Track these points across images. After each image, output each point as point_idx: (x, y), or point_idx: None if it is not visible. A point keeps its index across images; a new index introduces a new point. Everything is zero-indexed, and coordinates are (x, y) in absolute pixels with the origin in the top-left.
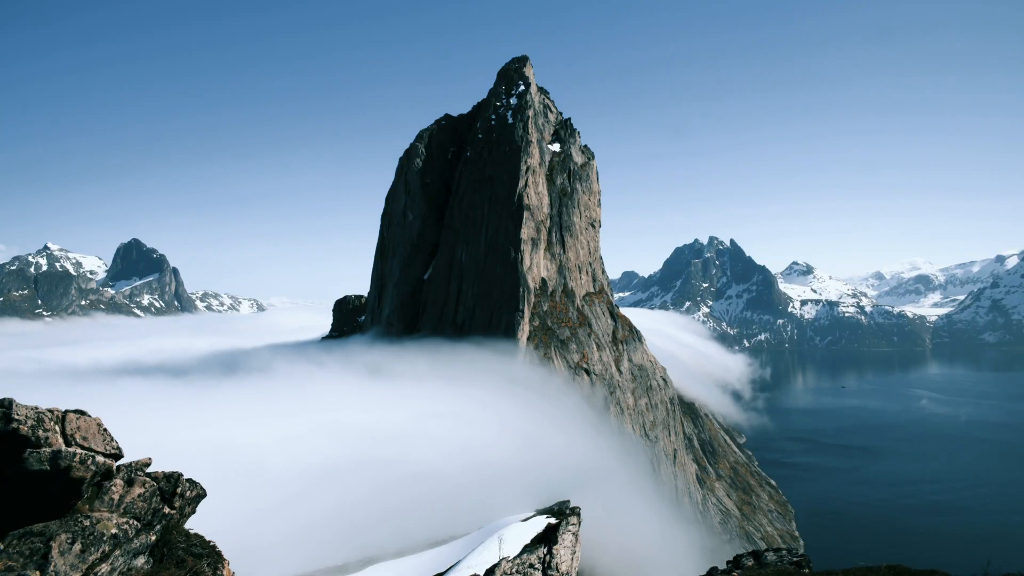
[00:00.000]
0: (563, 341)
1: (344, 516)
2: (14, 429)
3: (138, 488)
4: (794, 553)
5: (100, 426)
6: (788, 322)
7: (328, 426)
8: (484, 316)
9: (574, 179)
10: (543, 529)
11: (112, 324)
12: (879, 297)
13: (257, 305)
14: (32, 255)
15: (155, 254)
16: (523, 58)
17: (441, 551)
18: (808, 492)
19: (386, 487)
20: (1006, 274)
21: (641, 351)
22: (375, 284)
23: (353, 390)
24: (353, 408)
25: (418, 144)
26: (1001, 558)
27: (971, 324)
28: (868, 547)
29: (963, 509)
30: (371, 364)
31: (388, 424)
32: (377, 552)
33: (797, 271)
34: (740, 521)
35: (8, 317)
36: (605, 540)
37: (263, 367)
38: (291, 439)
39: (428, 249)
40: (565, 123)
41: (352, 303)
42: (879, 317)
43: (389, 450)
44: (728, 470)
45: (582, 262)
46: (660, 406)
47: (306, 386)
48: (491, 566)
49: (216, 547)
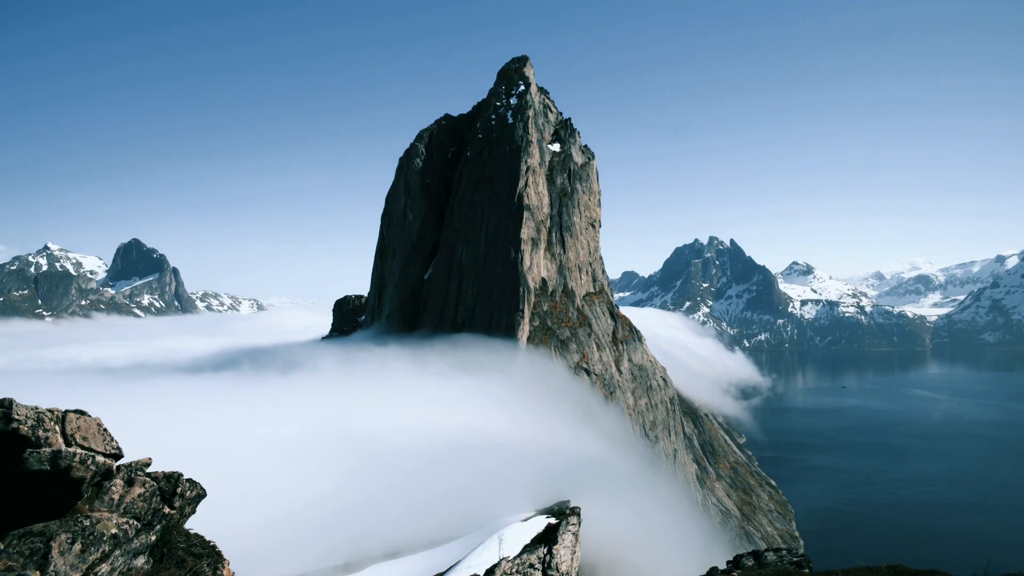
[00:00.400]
0: (563, 341)
1: (344, 516)
2: (14, 429)
3: (138, 488)
4: (794, 553)
5: (100, 426)
6: (788, 322)
7: (328, 427)
8: (484, 316)
9: (574, 179)
10: (543, 529)
11: (112, 324)
12: (879, 297)
13: (257, 305)
14: (32, 255)
15: (155, 254)
16: (523, 58)
17: (441, 551)
18: (808, 492)
19: (386, 487)
20: (1006, 274)
21: (641, 351)
22: (375, 284)
23: (353, 391)
24: (352, 409)
25: (418, 144)
26: (1001, 558)
27: (971, 324)
28: (868, 547)
29: (963, 509)
30: (369, 363)
31: (388, 425)
32: (377, 552)
33: (797, 271)
34: (740, 521)
35: (8, 317)
36: (605, 540)
37: (262, 366)
38: (290, 439)
39: (428, 249)
40: (565, 123)
41: (352, 303)
42: (879, 317)
43: (389, 451)
44: (728, 470)
45: (582, 262)
46: (660, 406)
47: (305, 386)
48: (491, 566)
49: (216, 547)
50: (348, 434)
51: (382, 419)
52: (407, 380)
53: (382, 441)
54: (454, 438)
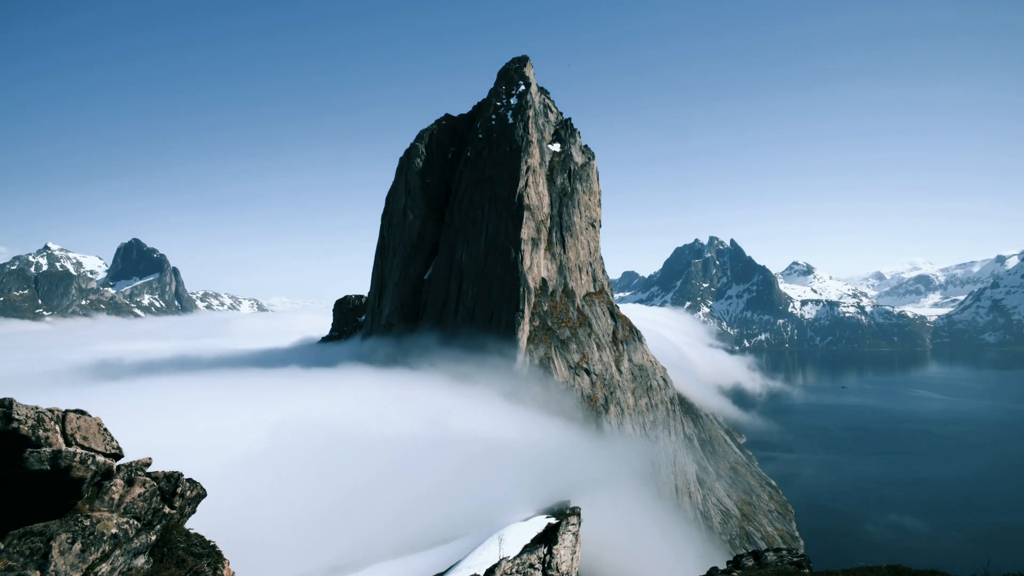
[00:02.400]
0: (563, 341)
1: (345, 516)
2: (14, 429)
3: (138, 488)
4: (794, 553)
5: (100, 426)
6: (788, 322)
7: (327, 427)
8: (484, 316)
9: (574, 179)
10: (543, 529)
11: (113, 324)
12: (879, 297)
13: (257, 305)
14: (32, 255)
15: (155, 254)
16: (523, 58)
17: (441, 551)
18: (808, 492)
19: (386, 487)
20: (1006, 274)
21: (641, 351)
22: (375, 284)
23: (353, 393)
24: (351, 408)
25: (418, 144)
26: (1001, 558)
27: (971, 324)
28: (868, 547)
29: (963, 509)
30: (373, 368)
31: (387, 427)
32: (377, 552)
33: (797, 271)
34: (740, 521)
35: (8, 317)
36: (605, 541)
37: (263, 368)
38: (290, 440)
39: (428, 249)
40: (565, 123)
41: (352, 303)
42: (879, 317)
43: (389, 451)
44: (728, 470)
45: (582, 262)
46: (660, 406)
47: (305, 389)
48: (491, 566)
49: (216, 547)
50: (348, 435)
51: (380, 421)
52: (405, 382)
53: (382, 442)
54: (454, 439)
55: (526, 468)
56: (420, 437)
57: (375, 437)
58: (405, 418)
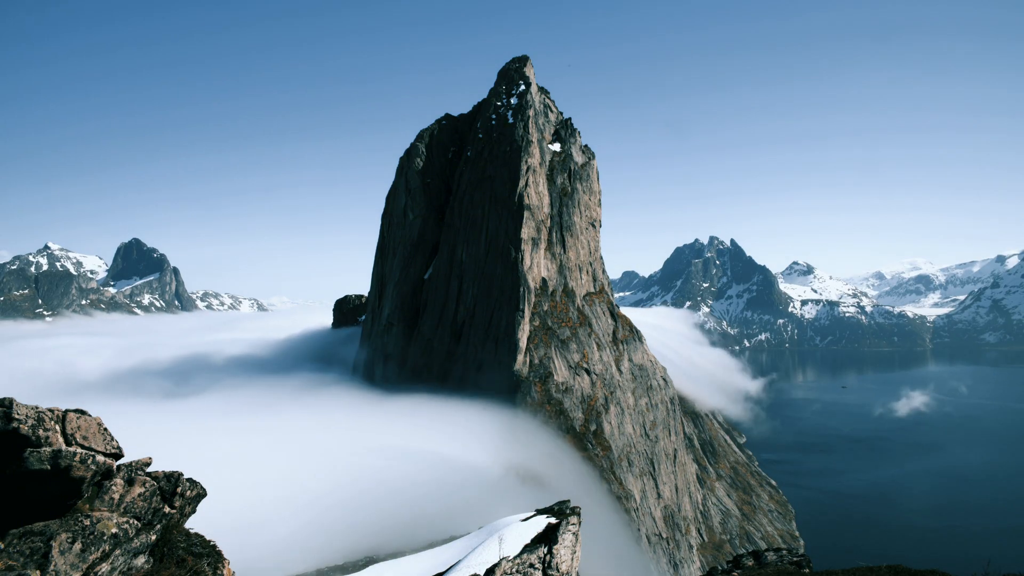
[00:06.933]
0: (563, 341)
1: (344, 516)
2: (14, 428)
3: (138, 487)
4: (794, 553)
5: (100, 425)
6: (788, 322)
7: (327, 429)
8: (484, 316)
9: (574, 179)
10: (543, 529)
11: (113, 323)
12: (879, 297)
13: (258, 305)
14: (32, 255)
15: (155, 253)
16: (523, 58)
17: (441, 551)
18: (808, 492)
19: (386, 487)
20: (1006, 274)
21: (641, 351)
22: (375, 284)
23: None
24: (351, 410)
25: (419, 144)
26: (1001, 558)
27: (971, 324)
28: (868, 547)
29: (963, 509)
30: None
31: (386, 429)
32: (377, 552)
33: (797, 271)
34: (740, 521)
35: (8, 317)
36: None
37: (263, 372)
38: (291, 441)
39: (428, 249)
40: (565, 123)
41: (352, 303)
42: (879, 317)
43: (388, 451)
44: (728, 470)
45: (582, 262)
46: (660, 406)
47: (306, 396)
48: (491, 566)
49: (216, 546)
50: (348, 437)
51: (379, 422)
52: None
53: (382, 443)
54: (449, 454)
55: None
56: (412, 448)
57: (373, 443)
58: (401, 428)
